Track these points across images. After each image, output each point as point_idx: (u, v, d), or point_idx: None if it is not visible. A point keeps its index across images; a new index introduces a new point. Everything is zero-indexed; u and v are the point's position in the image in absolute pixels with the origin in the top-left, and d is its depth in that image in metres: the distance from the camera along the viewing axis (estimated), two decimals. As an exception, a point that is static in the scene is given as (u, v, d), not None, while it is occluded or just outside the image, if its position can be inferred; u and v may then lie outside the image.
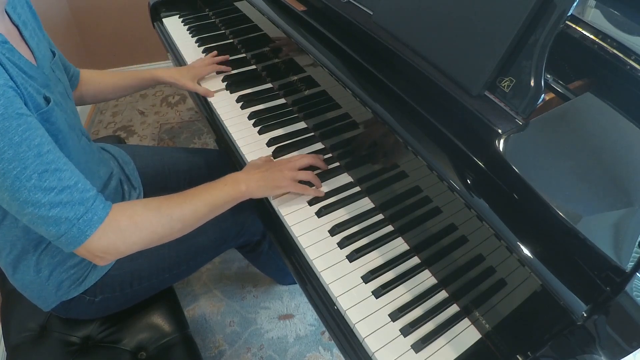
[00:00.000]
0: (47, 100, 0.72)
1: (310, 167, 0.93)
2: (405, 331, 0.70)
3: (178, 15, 1.56)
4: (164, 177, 1.17)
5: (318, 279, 0.78)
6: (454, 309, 0.74)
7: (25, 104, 0.66)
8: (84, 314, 0.94)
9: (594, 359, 0.54)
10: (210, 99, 1.16)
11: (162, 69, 1.19)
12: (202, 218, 0.81)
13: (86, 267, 0.87)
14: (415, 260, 0.80)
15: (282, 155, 0.99)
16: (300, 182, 0.89)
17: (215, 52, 1.28)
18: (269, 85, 1.21)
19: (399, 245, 0.83)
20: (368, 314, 0.72)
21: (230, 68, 1.25)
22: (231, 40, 1.40)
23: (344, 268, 0.78)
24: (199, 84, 1.21)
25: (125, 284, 0.92)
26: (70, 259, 0.85)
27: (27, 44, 0.76)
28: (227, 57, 1.27)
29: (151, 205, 0.75)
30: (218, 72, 1.24)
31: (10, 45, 0.68)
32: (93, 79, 1.10)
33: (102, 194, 0.88)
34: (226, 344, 1.40)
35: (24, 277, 0.85)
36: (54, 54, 0.85)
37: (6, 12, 0.74)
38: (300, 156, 0.93)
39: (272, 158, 0.98)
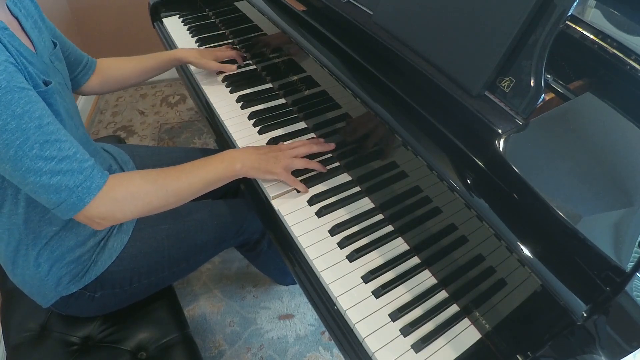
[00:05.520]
0: (47, 83, 0.73)
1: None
2: (405, 331, 0.70)
3: (178, 15, 1.56)
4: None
5: (318, 279, 0.78)
6: (454, 309, 0.74)
7: (26, 80, 0.68)
8: (83, 310, 0.94)
9: (594, 359, 0.54)
10: (210, 99, 1.16)
11: (183, 49, 1.22)
12: (197, 192, 0.83)
13: (86, 262, 0.87)
14: (415, 260, 0.80)
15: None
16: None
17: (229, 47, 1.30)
18: (269, 85, 1.21)
19: (399, 245, 0.83)
20: (368, 314, 0.72)
21: (242, 62, 1.27)
22: (231, 40, 1.40)
23: (344, 268, 0.78)
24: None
25: (125, 280, 0.92)
26: (69, 254, 0.85)
27: (27, 34, 0.78)
28: (243, 54, 1.29)
29: (148, 178, 0.77)
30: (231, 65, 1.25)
31: (11, 32, 0.70)
32: (114, 66, 1.12)
33: None
34: (226, 344, 1.40)
35: (23, 272, 0.85)
36: (54, 44, 0.86)
37: (6, 5, 0.76)
38: (301, 143, 0.95)
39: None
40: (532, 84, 0.61)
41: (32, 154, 0.64)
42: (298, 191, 0.91)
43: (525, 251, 0.56)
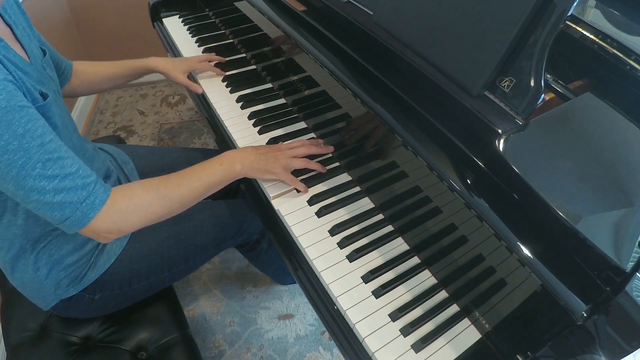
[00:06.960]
0: (44, 96, 0.73)
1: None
2: (405, 331, 0.70)
3: (178, 15, 1.56)
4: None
5: (318, 279, 0.78)
6: (454, 309, 0.74)
7: (25, 97, 0.67)
8: (83, 312, 0.94)
9: (594, 359, 0.54)
10: (210, 99, 1.16)
11: (156, 59, 1.19)
12: (199, 197, 0.84)
13: (84, 265, 0.87)
14: (415, 260, 0.80)
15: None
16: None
17: (213, 54, 1.29)
18: (269, 85, 1.21)
19: (399, 245, 0.83)
20: (368, 314, 0.72)
21: (223, 72, 1.24)
22: (231, 40, 1.40)
23: (344, 268, 0.78)
24: (195, 79, 1.22)
25: (125, 282, 0.92)
26: (68, 257, 0.85)
27: (20, 43, 0.78)
28: (223, 60, 1.28)
29: (150, 187, 0.77)
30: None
31: (5, 43, 0.70)
32: (87, 70, 1.11)
33: None
34: (226, 344, 1.40)
35: (22, 275, 0.85)
36: (44, 52, 0.86)
37: None
38: (300, 144, 0.96)
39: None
40: (532, 84, 0.61)
41: (35, 173, 0.64)
42: (298, 191, 0.91)
43: (525, 251, 0.56)
